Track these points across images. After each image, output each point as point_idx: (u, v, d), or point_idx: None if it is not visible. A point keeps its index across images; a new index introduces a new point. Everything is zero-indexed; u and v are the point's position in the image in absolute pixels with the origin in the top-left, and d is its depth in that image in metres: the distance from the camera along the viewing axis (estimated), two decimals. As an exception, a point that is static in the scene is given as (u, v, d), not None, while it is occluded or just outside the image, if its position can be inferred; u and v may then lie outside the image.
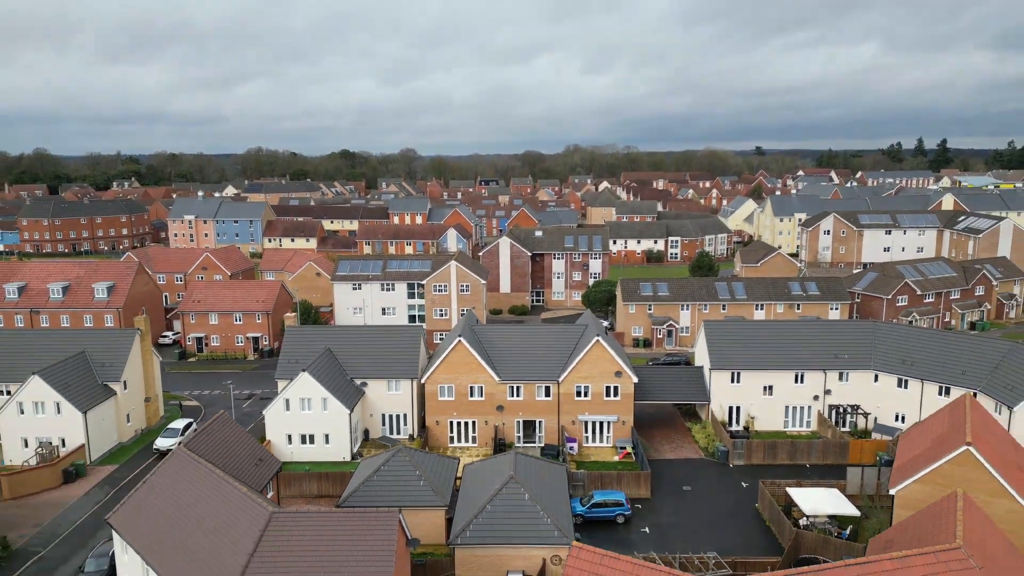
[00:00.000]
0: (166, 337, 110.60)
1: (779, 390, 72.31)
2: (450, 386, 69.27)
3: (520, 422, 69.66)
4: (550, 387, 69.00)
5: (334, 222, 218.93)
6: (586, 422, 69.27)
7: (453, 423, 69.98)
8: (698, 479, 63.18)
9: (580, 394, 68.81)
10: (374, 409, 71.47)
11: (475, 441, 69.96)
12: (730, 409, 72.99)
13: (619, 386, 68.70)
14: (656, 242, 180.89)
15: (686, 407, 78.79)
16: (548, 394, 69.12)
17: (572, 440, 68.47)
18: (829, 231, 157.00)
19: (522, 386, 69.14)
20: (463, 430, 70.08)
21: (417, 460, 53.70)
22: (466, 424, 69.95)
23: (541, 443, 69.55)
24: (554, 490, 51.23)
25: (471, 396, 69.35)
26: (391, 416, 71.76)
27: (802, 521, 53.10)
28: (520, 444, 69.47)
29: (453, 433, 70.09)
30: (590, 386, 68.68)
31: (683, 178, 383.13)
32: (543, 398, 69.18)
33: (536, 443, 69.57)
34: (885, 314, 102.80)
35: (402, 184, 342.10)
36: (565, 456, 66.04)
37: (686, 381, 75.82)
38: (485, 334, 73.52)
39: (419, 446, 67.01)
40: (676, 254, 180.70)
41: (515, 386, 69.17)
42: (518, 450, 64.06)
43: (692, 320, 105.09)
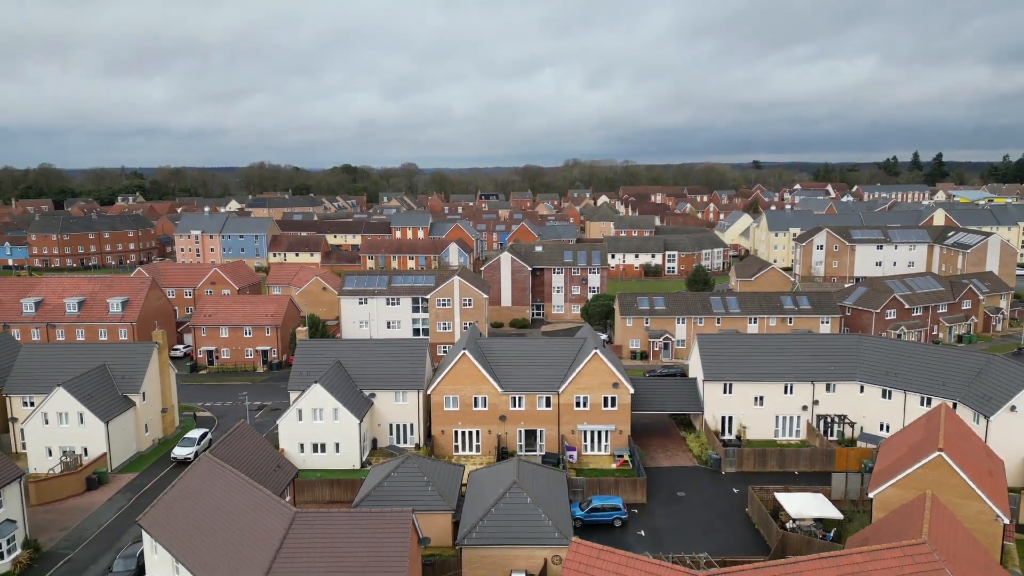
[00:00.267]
0: (177, 350, 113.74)
1: (769, 401, 75.58)
2: (455, 397, 72.54)
3: (522, 431, 72.87)
4: (550, 398, 72.28)
5: (337, 236, 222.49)
6: (585, 431, 72.50)
7: (458, 432, 73.19)
8: (692, 485, 66.34)
9: (579, 405, 72.09)
10: (382, 419, 74.73)
11: (479, 450, 73.15)
12: (723, 419, 76.18)
13: (616, 397, 72.00)
14: (654, 256, 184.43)
15: (681, 417, 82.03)
16: (549, 404, 72.39)
17: (572, 449, 71.63)
18: (822, 246, 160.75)
19: (524, 397, 72.42)
20: (467, 439, 73.27)
21: (425, 467, 56.83)
22: (470, 433, 73.16)
23: (542, 451, 72.75)
24: (555, 495, 54.43)
25: (475, 406, 72.61)
26: (398, 426, 75.03)
27: (789, 524, 56.28)
28: (522, 452, 72.61)
29: (458, 442, 73.28)
30: (589, 397, 71.96)
31: (681, 192, 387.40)
32: (544, 408, 72.45)
33: (537, 452, 72.76)
34: (874, 328, 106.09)
35: (403, 198, 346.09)
36: (565, 464, 69.12)
37: (680, 392, 79.09)
38: (488, 347, 76.84)
39: (425, 454, 70.08)
40: (673, 268, 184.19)
41: (517, 397, 72.45)
42: (520, 458, 67.10)
43: (688, 333, 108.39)
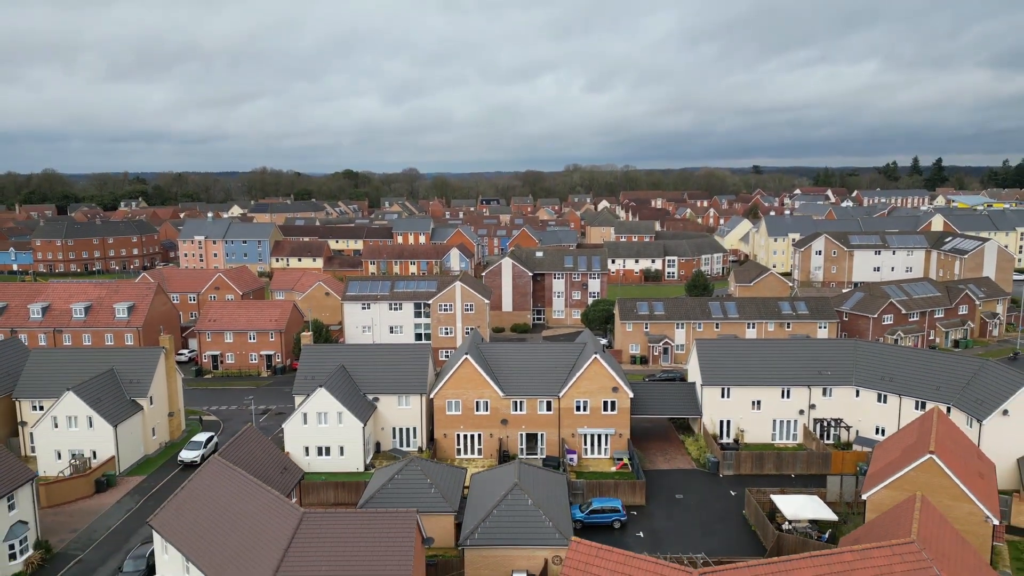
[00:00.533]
0: (182, 355, 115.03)
1: (767, 405, 76.77)
2: (457, 401, 73.74)
3: (523, 435, 74.07)
4: (551, 402, 73.49)
5: (339, 242, 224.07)
6: (585, 435, 73.68)
7: (460, 436, 74.38)
8: (690, 488, 67.48)
9: (579, 408, 73.29)
10: (385, 423, 75.97)
11: (481, 453, 74.34)
12: (721, 423, 77.37)
13: (616, 401, 73.20)
14: (654, 261, 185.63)
15: (680, 421, 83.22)
16: (549, 408, 73.60)
17: (572, 452, 72.81)
18: (821, 251, 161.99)
19: (525, 401, 73.63)
20: (469, 442, 74.46)
21: (428, 470, 58.04)
22: (472, 437, 74.35)
23: (543, 455, 73.95)
24: (555, 497, 55.63)
25: (477, 410, 73.82)
26: (401, 429, 76.25)
27: (785, 526, 57.45)
28: (523, 456, 73.76)
29: (460, 445, 74.47)
30: (589, 401, 73.16)
31: (681, 197, 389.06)
32: (545, 412, 73.64)
33: (538, 455, 73.96)
34: (871, 333, 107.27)
35: (404, 204, 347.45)
36: (565, 467, 70.35)
37: (679, 396, 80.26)
38: (489, 352, 78.10)
39: (428, 457, 71.24)
40: (673, 273, 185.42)
41: (518, 401, 73.65)
42: (521, 461, 68.25)
43: (687, 338, 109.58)
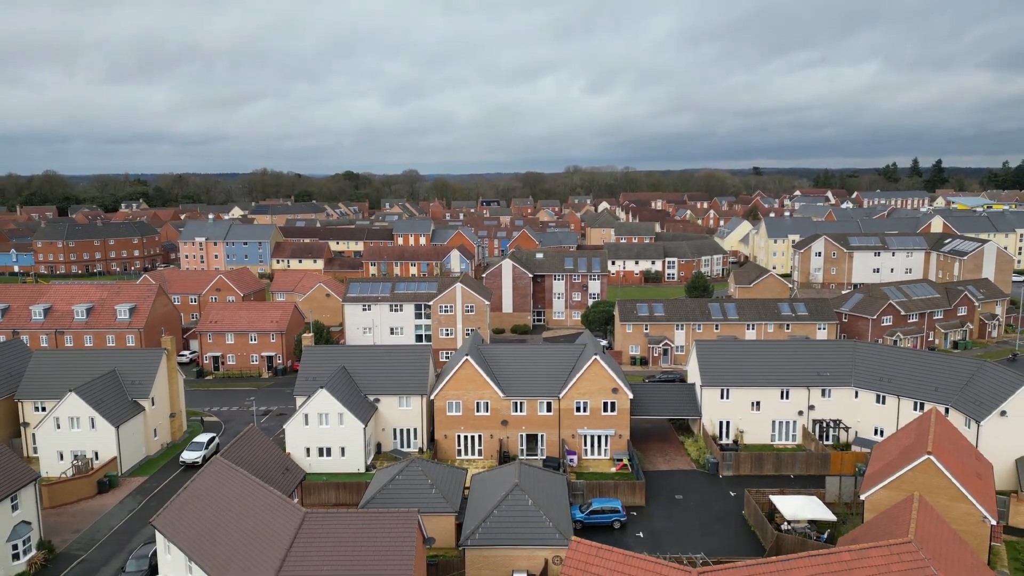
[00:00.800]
0: (183, 356, 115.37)
1: (766, 406, 77.06)
2: (458, 402, 74.05)
3: (523, 436, 74.37)
4: (551, 403, 73.80)
5: (340, 243, 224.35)
6: (585, 436, 73.99)
7: (460, 437, 74.69)
8: (689, 489, 67.78)
9: (579, 409, 73.60)
10: (386, 423, 76.28)
11: (481, 454, 74.63)
12: (720, 424, 77.66)
13: (616, 402, 73.52)
14: (654, 263, 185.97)
15: (679, 422, 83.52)
16: (549, 409, 73.90)
17: (572, 453, 73.12)
18: (820, 253, 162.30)
19: (525, 402, 73.93)
20: (470, 443, 74.77)
21: (429, 470, 58.34)
22: (473, 438, 74.66)
23: (543, 456, 74.26)
24: (555, 497, 55.95)
25: (477, 411, 74.13)
26: (402, 430, 76.56)
27: (784, 526, 57.75)
28: (523, 456, 74.05)
29: (460, 446, 74.78)
30: (589, 402, 73.47)
31: (681, 198, 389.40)
32: (545, 413, 73.94)
33: (538, 456, 74.27)
34: (871, 334, 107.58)
35: (405, 205, 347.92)
36: (565, 467, 70.66)
37: (679, 397, 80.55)
38: (490, 353, 78.41)
39: (429, 458, 71.57)
40: (673, 274, 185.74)
41: (519, 402, 73.96)
42: (522, 461, 68.55)
43: (687, 339, 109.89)
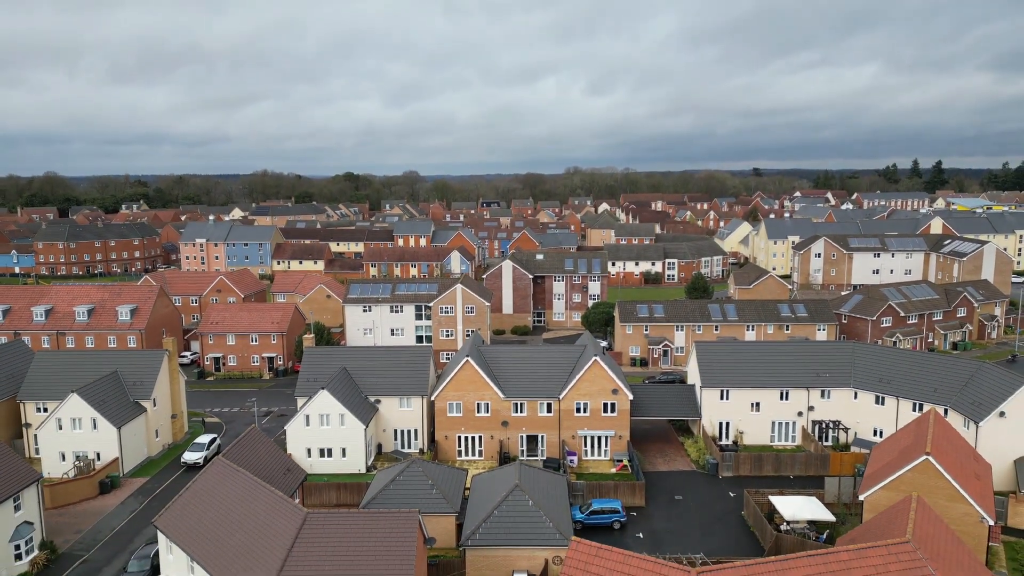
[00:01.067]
0: (184, 357, 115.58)
1: (765, 407, 77.28)
2: (458, 403, 74.28)
3: (524, 437, 74.59)
4: (551, 404, 74.03)
5: (340, 244, 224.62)
6: (585, 436, 74.21)
7: (461, 437, 74.92)
8: (689, 489, 68.01)
9: (579, 410, 73.82)
10: (387, 424, 76.51)
11: (481, 455, 74.85)
12: (720, 424, 77.88)
13: (616, 403, 73.74)
14: (654, 264, 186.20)
15: (679, 423, 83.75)
16: (550, 410, 74.13)
17: (572, 454, 73.35)
18: (820, 254, 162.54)
19: (525, 403, 74.16)
20: (470, 444, 74.99)
21: (429, 471, 58.57)
22: (473, 438, 74.89)
23: (543, 456, 74.48)
24: (555, 498, 56.16)
25: (478, 412, 74.35)
26: (403, 431, 76.80)
27: (783, 526, 57.97)
28: (523, 457, 74.25)
29: (461, 447, 75.00)
30: (589, 403, 73.69)
31: (681, 200, 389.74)
32: (545, 414, 74.17)
33: (538, 456, 74.48)
34: (870, 335, 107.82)
35: (405, 206, 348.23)
36: (566, 468, 70.86)
37: (679, 398, 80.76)
38: (490, 354, 78.64)
39: (429, 459, 71.76)
40: (673, 275, 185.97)
41: (519, 403, 74.19)
42: (522, 462, 68.77)
43: (687, 340, 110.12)
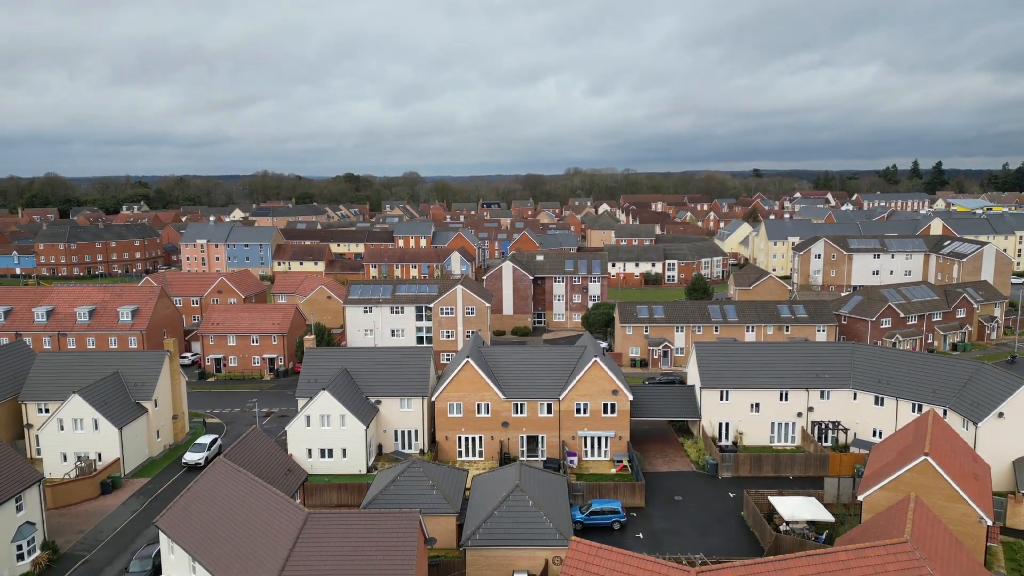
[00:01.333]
0: (185, 358, 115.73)
1: (765, 407, 77.45)
2: (458, 404, 74.47)
3: (524, 437, 74.77)
4: (552, 404, 74.22)
5: (341, 245, 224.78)
6: (585, 437, 74.39)
7: (461, 438, 75.11)
8: (689, 490, 68.20)
9: (580, 411, 74.02)
10: (387, 425, 76.71)
11: (482, 455, 75.04)
12: (720, 425, 78.06)
13: (616, 404, 73.92)
14: (654, 265, 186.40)
15: (679, 423, 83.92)
16: (550, 411, 74.31)
17: (572, 454, 73.54)
18: (820, 255, 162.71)
19: (525, 403, 74.35)
20: (470, 445, 75.18)
21: (430, 471, 58.77)
22: (473, 439, 75.07)
23: (543, 457, 74.66)
24: (555, 498, 56.36)
25: (478, 413, 74.55)
26: (403, 432, 76.99)
27: (782, 527, 58.15)
28: (524, 458, 74.43)
29: (461, 447, 75.20)
30: (589, 404, 73.88)
31: (681, 200, 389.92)
32: (545, 415, 74.36)
33: (539, 457, 74.67)
34: (870, 336, 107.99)
35: (406, 207, 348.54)
36: (566, 468, 71.05)
37: (678, 399, 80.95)
38: (491, 355, 78.83)
39: (430, 459, 71.96)
40: (673, 276, 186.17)
41: (519, 404, 74.38)
42: (522, 463, 68.93)
43: (687, 341, 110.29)
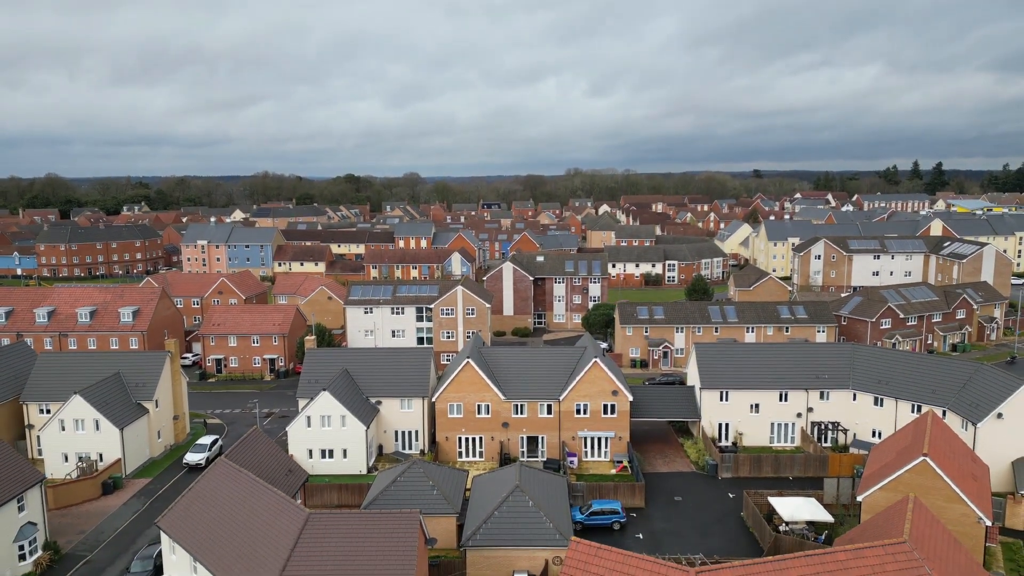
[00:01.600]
0: (186, 359, 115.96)
1: (765, 408, 77.60)
2: (459, 404, 74.64)
3: (524, 438, 74.93)
4: (552, 405, 74.37)
5: (341, 246, 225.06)
6: (585, 438, 74.54)
7: (461, 439, 75.26)
8: (689, 490, 68.35)
9: (580, 412, 74.18)
10: (388, 426, 76.88)
11: (482, 456, 75.20)
12: (720, 426, 78.20)
13: (616, 404, 74.08)
14: (654, 266, 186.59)
15: (679, 424, 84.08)
16: (550, 412, 74.48)
17: (572, 455, 73.70)
18: (820, 256, 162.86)
19: (526, 404, 74.51)
20: (471, 445, 75.34)
21: (430, 472, 58.92)
22: (473, 440, 75.23)
23: (543, 457, 74.81)
24: (555, 498, 56.51)
25: (478, 414, 74.71)
26: (403, 432, 77.15)
27: (781, 527, 58.29)
28: (524, 458, 74.56)
29: (461, 448, 75.36)
30: (589, 404, 74.04)
31: (682, 201, 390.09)
32: (545, 415, 74.53)
33: (539, 458, 74.82)
34: (869, 337, 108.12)
35: (406, 208, 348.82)
36: (566, 469, 71.20)
37: (678, 399, 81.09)
38: (491, 355, 78.99)
39: (430, 460, 72.12)
40: (673, 277, 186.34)
41: (519, 404, 74.54)
42: (522, 463, 69.05)
43: (687, 342, 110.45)
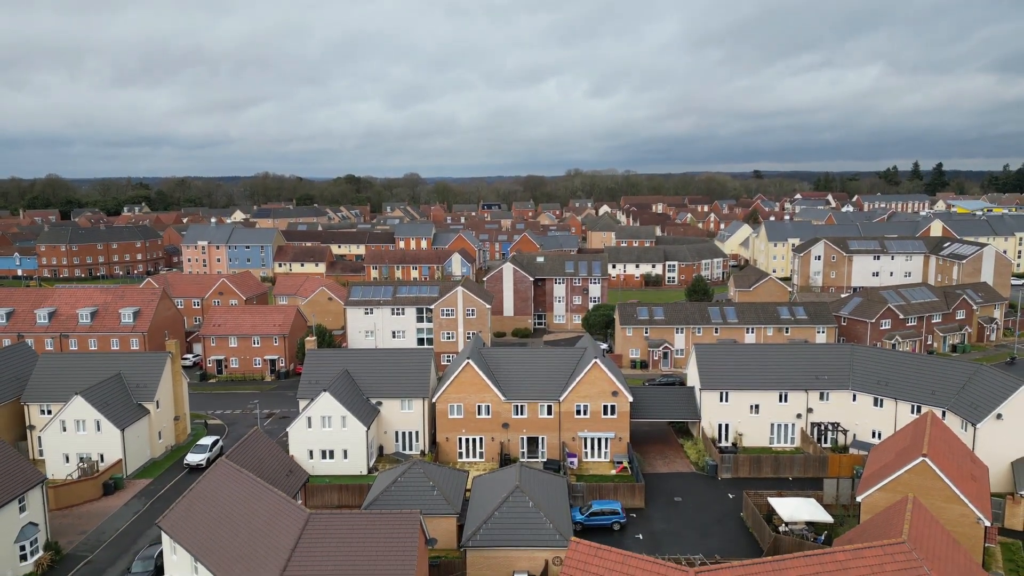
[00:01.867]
0: (186, 359, 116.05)
1: (765, 409, 77.70)
2: (459, 405, 74.76)
3: (524, 438, 75.03)
4: (552, 406, 74.49)
5: (341, 247, 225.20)
6: (585, 438, 74.65)
7: (462, 439, 75.38)
8: (689, 491, 68.45)
9: (580, 412, 74.29)
10: (388, 426, 77.00)
11: (482, 456, 75.31)
12: (719, 426, 78.30)
13: (616, 405, 74.19)
14: (654, 266, 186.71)
15: (679, 425, 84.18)
16: (550, 412, 74.59)
17: (572, 455, 73.81)
18: (820, 256, 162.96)
19: (526, 405, 74.63)
20: (471, 446, 75.45)
21: (430, 472, 59.06)
22: (474, 440, 75.35)
23: (544, 458, 74.92)
24: (555, 499, 56.63)
25: (479, 414, 74.83)
26: (404, 433, 77.27)
27: (781, 528, 58.39)
28: (524, 459, 74.67)
29: (462, 449, 75.47)
30: (589, 405, 74.15)
31: (682, 202, 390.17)
32: (545, 416, 74.64)
33: (539, 458, 74.93)
34: (869, 338, 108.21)
35: (406, 208, 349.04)
36: (566, 470, 71.30)
37: (678, 400, 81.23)
38: (491, 356, 79.11)
39: (430, 461, 72.22)
40: (673, 278, 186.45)
41: (519, 405, 74.67)
42: (523, 464, 69.16)
43: (686, 343, 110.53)
